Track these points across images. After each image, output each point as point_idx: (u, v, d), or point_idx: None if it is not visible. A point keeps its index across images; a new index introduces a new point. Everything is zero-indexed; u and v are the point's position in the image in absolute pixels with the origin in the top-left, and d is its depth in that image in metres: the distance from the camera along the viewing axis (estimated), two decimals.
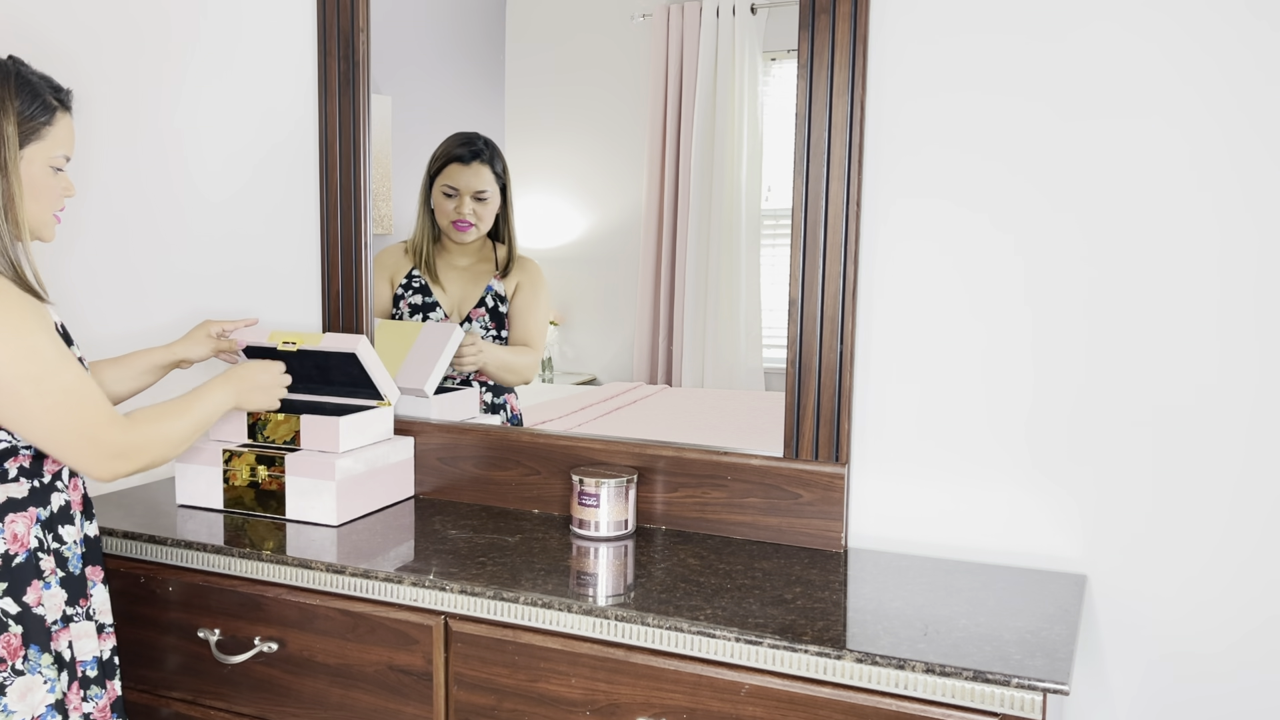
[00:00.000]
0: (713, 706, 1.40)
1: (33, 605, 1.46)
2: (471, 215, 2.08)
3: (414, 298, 2.13)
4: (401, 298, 2.14)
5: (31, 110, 1.48)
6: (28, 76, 1.49)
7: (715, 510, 1.82)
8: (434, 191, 2.11)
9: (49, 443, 1.44)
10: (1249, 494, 1.57)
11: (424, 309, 2.13)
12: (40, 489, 1.51)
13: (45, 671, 1.46)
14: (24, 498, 1.48)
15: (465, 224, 2.08)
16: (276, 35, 2.17)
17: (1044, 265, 1.64)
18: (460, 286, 2.13)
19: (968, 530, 1.71)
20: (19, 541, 1.46)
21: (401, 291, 2.13)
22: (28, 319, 1.41)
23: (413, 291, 2.13)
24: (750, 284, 2.01)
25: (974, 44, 1.65)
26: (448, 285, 2.13)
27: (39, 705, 1.45)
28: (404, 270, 2.14)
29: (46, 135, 1.50)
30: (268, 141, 2.20)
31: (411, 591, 1.58)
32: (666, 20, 2.00)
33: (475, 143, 2.08)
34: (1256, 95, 1.51)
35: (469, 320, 2.11)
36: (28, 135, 1.48)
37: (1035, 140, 1.62)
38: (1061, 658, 1.31)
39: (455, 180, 2.08)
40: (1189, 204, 1.56)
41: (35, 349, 1.40)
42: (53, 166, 1.52)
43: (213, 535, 1.77)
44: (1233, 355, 1.56)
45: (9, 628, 1.44)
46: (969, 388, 1.70)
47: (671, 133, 2.04)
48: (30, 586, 1.46)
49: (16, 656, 1.45)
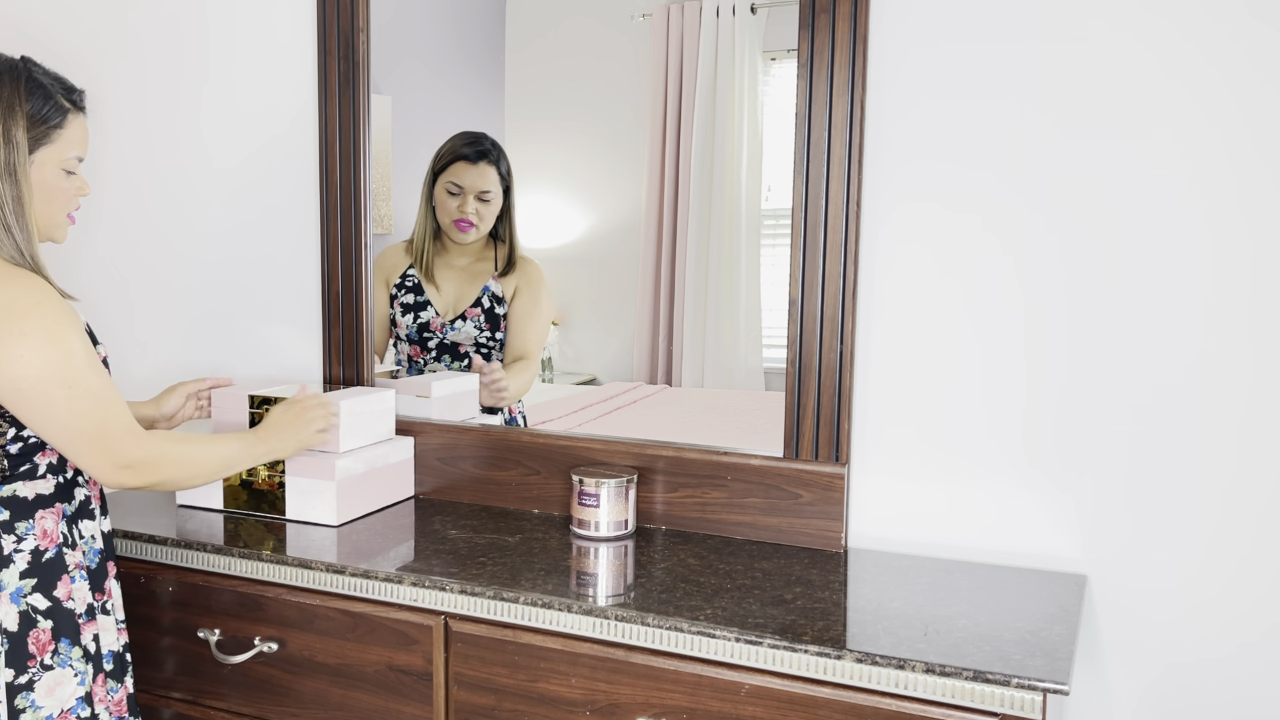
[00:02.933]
0: (713, 706, 1.40)
1: (63, 599, 1.48)
2: (474, 215, 2.07)
3: (406, 297, 2.12)
4: (395, 297, 2.13)
5: (43, 113, 1.47)
6: (39, 79, 1.48)
7: (715, 510, 1.82)
8: (437, 188, 2.10)
9: (65, 442, 1.44)
10: (1248, 493, 1.57)
11: (415, 308, 2.12)
12: (65, 484, 1.52)
13: (76, 664, 1.48)
14: (51, 493, 1.50)
15: (467, 223, 2.08)
16: (277, 35, 2.17)
17: (1044, 266, 1.64)
18: (456, 286, 2.12)
19: (968, 530, 1.71)
20: (48, 537, 1.48)
21: (396, 291, 2.13)
22: (63, 322, 1.42)
23: (405, 291, 2.12)
24: (750, 284, 2.01)
25: (974, 46, 1.65)
26: (443, 285, 2.12)
27: (69, 698, 1.47)
28: (400, 269, 2.13)
29: (58, 138, 1.49)
30: (268, 141, 2.20)
31: (411, 591, 1.58)
32: (666, 20, 2.00)
33: (483, 142, 2.07)
34: (1254, 101, 1.51)
35: (463, 319, 2.10)
36: (39, 139, 1.47)
37: (1037, 139, 1.62)
38: (1061, 658, 1.31)
39: (460, 178, 2.07)
40: (1184, 208, 1.56)
41: (70, 352, 1.41)
42: (65, 169, 1.51)
43: (213, 535, 1.77)
44: (1232, 356, 1.56)
45: (38, 623, 1.45)
46: (969, 387, 1.70)
47: (671, 133, 2.04)
48: (60, 581, 1.48)
49: (45, 651, 1.46)
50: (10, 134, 1.44)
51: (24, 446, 1.46)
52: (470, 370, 2.11)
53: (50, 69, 1.53)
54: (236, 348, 2.27)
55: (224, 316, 2.28)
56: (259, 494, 1.88)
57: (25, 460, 1.47)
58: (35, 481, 1.48)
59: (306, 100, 2.14)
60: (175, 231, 2.33)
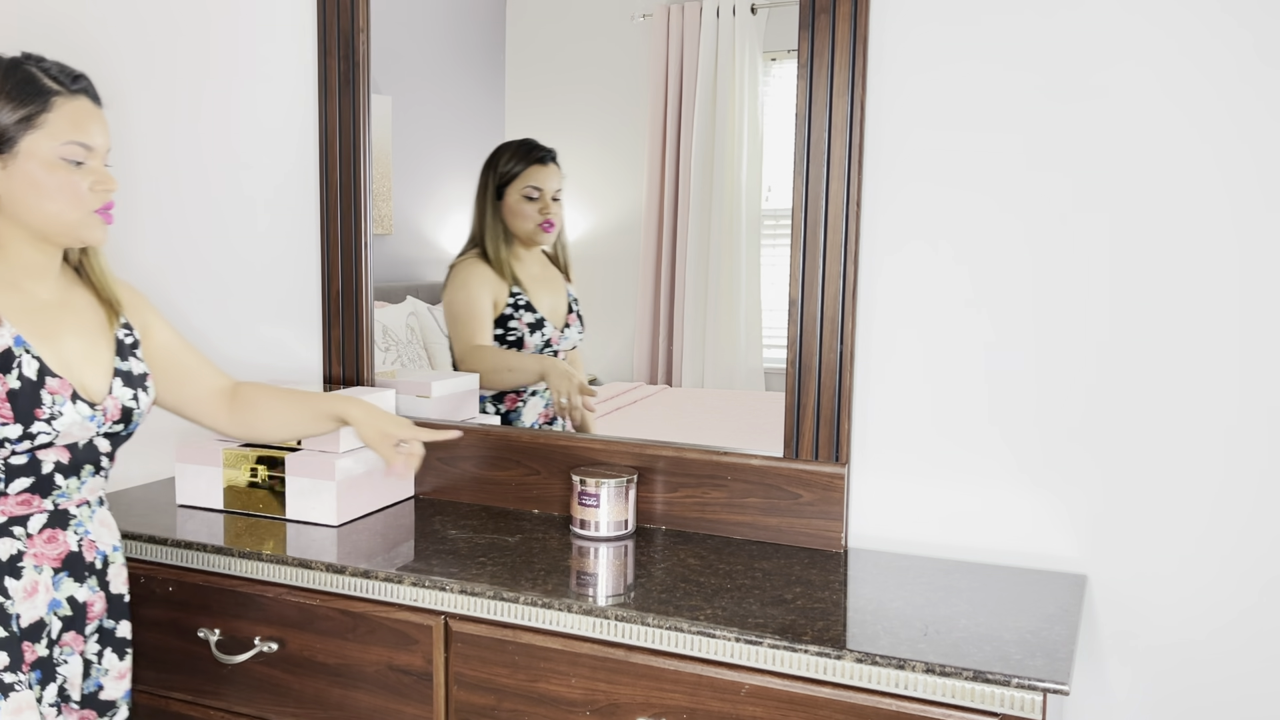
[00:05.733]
0: (713, 706, 1.40)
1: None
2: (555, 215, 2.07)
3: (526, 316, 2.07)
4: (511, 317, 2.07)
5: (22, 97, 1.37)
6: (27, 69, 1.39)
7: (715, 510, 1.82)
8: (509, 197, 2.07)
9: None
10: (1246, 492, 1.57)
11: (537, 326, 2.08)
12: None
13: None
14: None
15: (550, 224, 2.06)
16: (277, 35, 2.17)
17: (1044, 266, 1.64)
18: (548, 297, 2.10)
19: (968, 530, 1.71)
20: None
21: (510, 311, 2.07)
22: None
23: (520, 310, 2.08)
24: (750, 284, 2.01)
25: (975, 48, 1.65)
26: (540, 297, 2.10)
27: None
28: (503, 290, 2.08)
29: (44, 122, 1.37)
30: (267, 141, 2.20)
31: (411, 591, 1.58)
32: (666, 20, 2.00)
33: (543, 146, 2.07)
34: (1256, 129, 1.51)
35: (567, 327, 2.09)
36: (21, 126, 1.37)
37: (1039, 139, 1.63)
38: (1061, 658, 1.31)
39: (539, 181, 2.05)
40: (1186, 210, 1.56)
41: None
42: (64, 157, 1.39)
43: (213, 535, 1.77)
44: (1229, 355, 1.56)
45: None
46: (969, 388, 1.70)
47: (671, 133, 2.04)
48: None
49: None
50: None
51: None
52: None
53: (52, 60, 1.43)
54: (237, 347, 2.27)
55: (224, 316, 2.28)
56: (259, 494, 1.88)
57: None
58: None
59: (307, 100, 2.14)
60: (174, 231, 2.33)
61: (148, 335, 1.61)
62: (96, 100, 1.45)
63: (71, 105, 1.40)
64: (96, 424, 1.45)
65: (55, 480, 1.43)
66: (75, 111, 1.41)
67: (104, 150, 1.44)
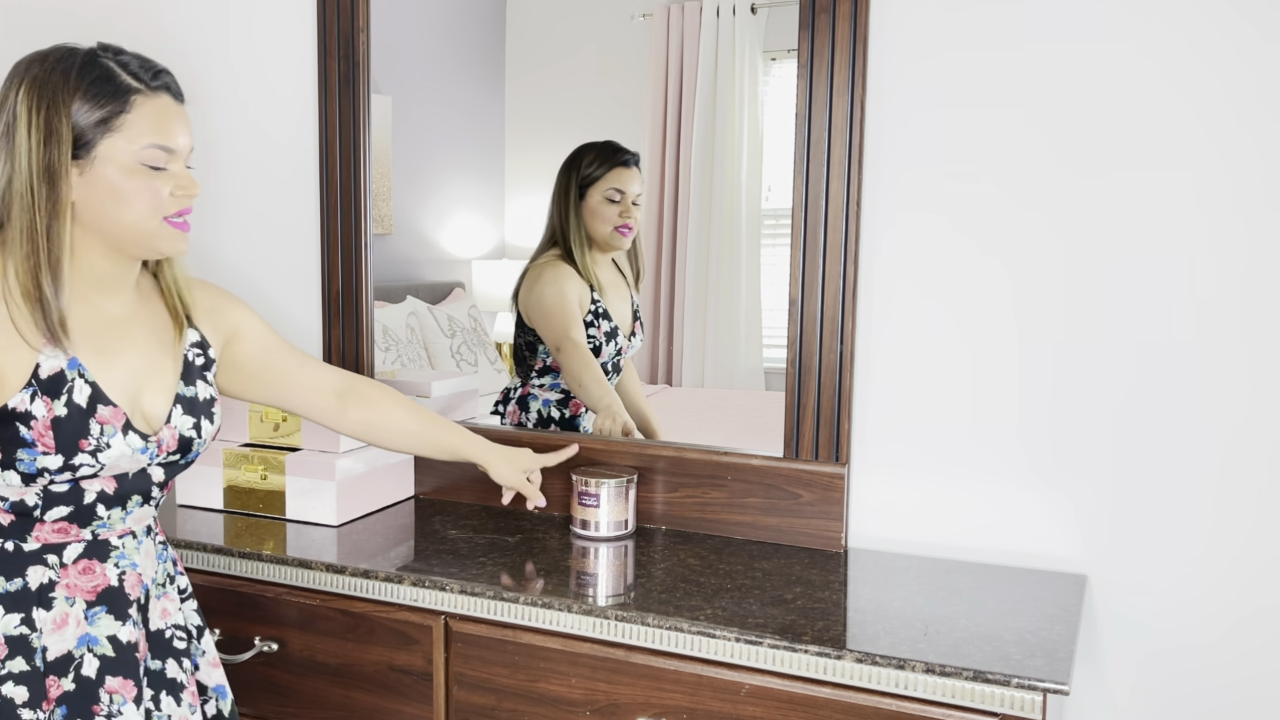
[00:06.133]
0: (713, 706, 1.40)
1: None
2: (634, 220, 2.04)
3: (604, 324, 2.04)
4: (591, 325, 2.03)
5: (100, 98, 1.24)
6: (103, 62, 1.26)
7: (715, 510, 1.82)
8: (590, 199, 2.03)
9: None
10: (1246, 493, 1.57)
11: (611, 335, 2.04)
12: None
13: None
14: None
15: (629, 228, 2.03)
16: (276, 35, 2.17)
17: (1044, 267, 1.64)
18: (619, 304, 2.06)
19: (968, 530, 1.71)
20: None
21: (590, 319, 2.04)
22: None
23: (599, 318, 2.04)
24: (750, 284, 2.01)
25: (975, 52, 1.65)
26: (612, 305, 2.06)
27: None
28: (585, 293, 2.04)
29: (123, 125, 1.25)
30: (267, 141, 2.20)
31: (411, 591, 1.58)
32: (666, 20, 2.00)
33: (628, 149, 2.03)
34: (1259, 120, 1.51)
35: (634, 335, 2.06)
36: (100, 129, 1.24)
37: (1039, 141, 1.63)
38: (1061, 658, 1.31)
39: (623, 184, 2.02)
40: (1183, 211, 1.56)
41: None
42: (145, 163, 1.26)
43: (213, 535, 1.77)
44: (1235, 355, 1.56)
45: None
46: (969, 388, 1.70)
47: (671, 133, 2.04)
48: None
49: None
50: (52, 127, 1.23)
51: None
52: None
53: (131, 51, 1.30)
54: None
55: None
56: (259, 495, 1.88)
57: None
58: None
59: (307, 100, 2.14)
60: None
61: (237, 340, 1.49)
62: (179, 97, 1.32)
63: (153, 104, 1.28)
64: (149, 456, 1.32)
65: (97, 510, 1.30)
66: (157, 111, 1.28)
67: (186, 151, 1.32)
